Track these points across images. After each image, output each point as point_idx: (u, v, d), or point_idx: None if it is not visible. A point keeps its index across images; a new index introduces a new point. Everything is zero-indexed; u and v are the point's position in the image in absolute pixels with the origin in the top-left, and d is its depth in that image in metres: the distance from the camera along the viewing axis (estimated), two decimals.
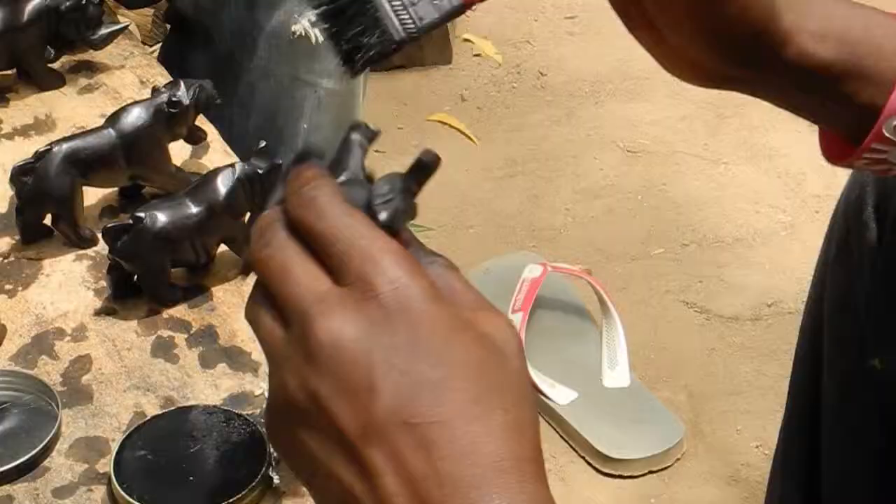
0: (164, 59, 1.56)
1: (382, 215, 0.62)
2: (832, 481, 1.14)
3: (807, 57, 0.74)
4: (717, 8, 0.72)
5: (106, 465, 0.97)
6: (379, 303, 0.57)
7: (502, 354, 0.59)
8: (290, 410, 0.59)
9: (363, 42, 0.71)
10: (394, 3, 0.72)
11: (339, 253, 0.59)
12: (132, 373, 1.06)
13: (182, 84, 1.20)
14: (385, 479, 0.55)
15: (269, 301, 0.62)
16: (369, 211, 0.63)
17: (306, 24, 1.45)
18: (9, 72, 1.39)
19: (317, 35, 1.45)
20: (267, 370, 1.05)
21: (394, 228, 0.62)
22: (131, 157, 1.17)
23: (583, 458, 1.85)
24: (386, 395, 0.56)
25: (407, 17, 0.71)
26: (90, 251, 1.18)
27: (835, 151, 0.80)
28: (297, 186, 0.62)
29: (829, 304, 1.11)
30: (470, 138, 2.50)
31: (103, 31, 1.38)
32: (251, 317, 0.63)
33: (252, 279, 1.13)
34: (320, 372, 0.57)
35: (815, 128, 0.83)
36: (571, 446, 1.87)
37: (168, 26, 1.70)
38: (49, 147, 1.14)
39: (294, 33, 1.45)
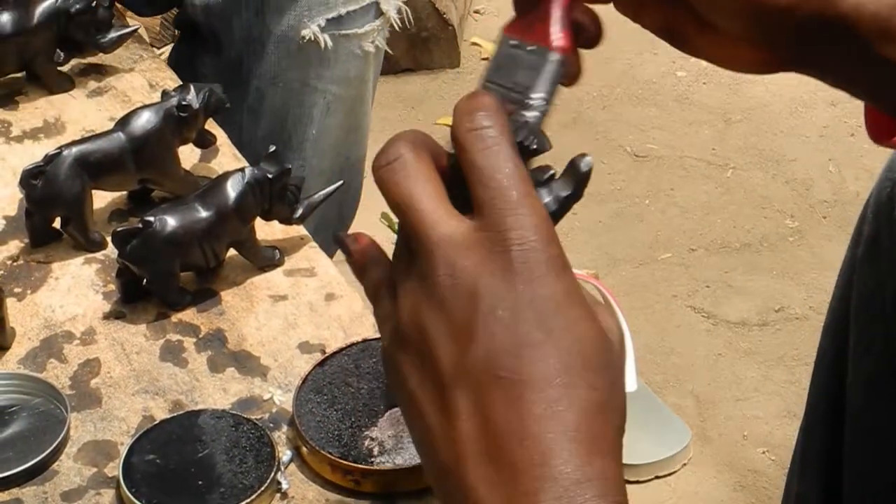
0: (173, 65, 1.56)
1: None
2: (853, 481, 1.13)
3: (863, 5, 0.72)
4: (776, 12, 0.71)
5: (114, 468, 0.97)
6: (507, 256, 0.59)
7: (605, 339, 0.61)
8: (400, 335, 0.61)
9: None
10: (510, 98, 0.68)
11: (490, 192, 0.60)
12: (141, 376, 1.06)
13: (192, 88, 1.20)
14: (463, 422, 0.58)
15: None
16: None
17: (315, 29, 1.44)
18: (18, 74, 1.40)
19: (326, 40, 1.45)
20: (277, 374, 1.05)
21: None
22: (141, 160, 1.17)
23: None
24: (484, 344, 0.58)
25: (525, 102, 0.68)
26: (99, 255, 1.18)
27: (883, 130, 0.79)
28: (473, 108, 0.62)
29: (856, 304, 1.11)
30: None
31: (113, 34, 1.38)
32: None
33: (256, 285, 1.14)
34: (432, 306, 0.59)
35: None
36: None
37: (177, 31, 1.70)
38: (59, 150, 1.14)
39: (304, 38, 1.45)
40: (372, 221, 1.72)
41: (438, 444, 0.58)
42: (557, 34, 0.70)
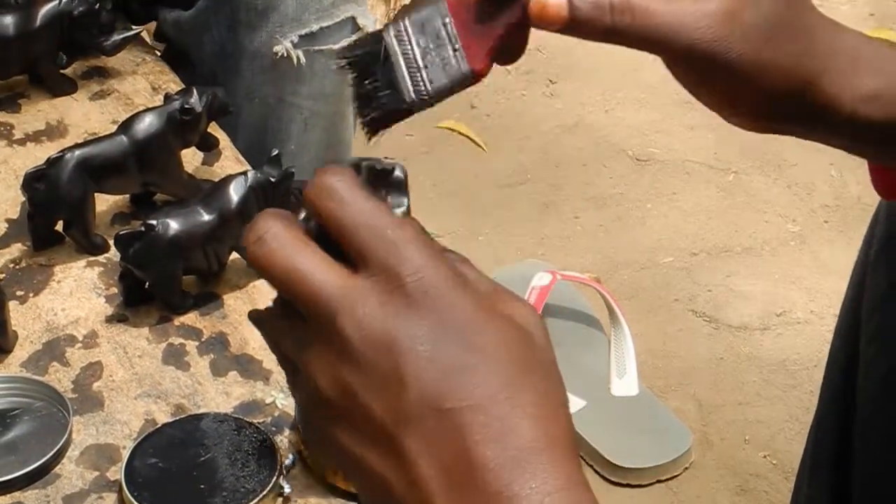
0: None
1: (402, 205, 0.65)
2: (864, 482, 1.13)
3: (857, 118, 0.75)
4: (755, 85, 0.74)
5: (117, 472, 0.97)
6: (404, 292, 0.58)
7: (528, 334, 0.60)
8: (323, 408, 0.59)
9: (377, 98, 0.73)
10: (409, 62, 0.72)
11: (363, 242, 0.59)
12: (143, 380, 1.06)
13: (195, 91, 1.20)
14: (420, 465, 0.56)
15: (279, 301, 0.62)
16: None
17: (288, 45, 1.43)
18: (21, 77, 1.40)
19: (299, 56, 1.44)
20: (280, 378, 1.05)
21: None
22: (143, 163, 1.18)
23: (591, 466, 1.84)
24: (415, 383, 0.57)
25: (419, 79, 0.72)
26: (101, 258, 1.18)
27: (890, 187, 0.81)
28: (318, 177, 0.62)
29: (868, 304, 1.11)
30: (479, 146, 2.50)
31: (116, 37, 1.38)
32: (261, 324, 0.64)
33: (258, 289, 1.14)
34: (350, 366, 0.58)
35: None
36: (580, 455, 1.87)
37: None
38: (61, 153, 1.14)
39: (276, 54, 1.44)
40: None
41: (400, 493, 0.57)
42: (482, 58, 0.73)
